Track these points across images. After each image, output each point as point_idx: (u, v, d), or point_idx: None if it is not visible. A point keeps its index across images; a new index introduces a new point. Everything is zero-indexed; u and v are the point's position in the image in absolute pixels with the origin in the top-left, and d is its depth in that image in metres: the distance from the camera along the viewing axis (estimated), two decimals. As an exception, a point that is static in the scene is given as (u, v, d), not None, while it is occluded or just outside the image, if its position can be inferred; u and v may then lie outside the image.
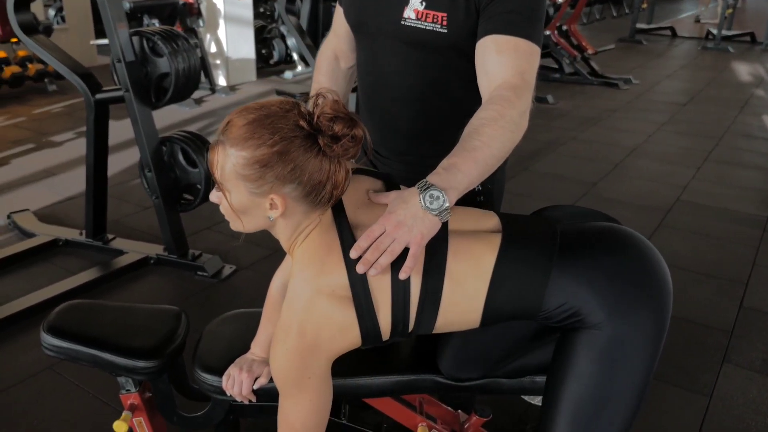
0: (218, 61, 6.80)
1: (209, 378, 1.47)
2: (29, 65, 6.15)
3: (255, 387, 1.42)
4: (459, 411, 1.73)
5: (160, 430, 1.67)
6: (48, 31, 6.16)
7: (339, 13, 1.55)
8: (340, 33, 1.58)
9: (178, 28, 6.34)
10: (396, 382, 1.47)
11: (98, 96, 2.88)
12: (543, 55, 7.61)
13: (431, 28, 1.33)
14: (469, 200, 1.43)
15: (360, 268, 1.07)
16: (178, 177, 2.94)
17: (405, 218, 1.06)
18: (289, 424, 1.19)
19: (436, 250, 1.13)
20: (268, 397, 1.47)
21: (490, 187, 1.53)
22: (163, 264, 3.03)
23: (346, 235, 1.12)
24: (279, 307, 1.45)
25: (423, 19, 1.34)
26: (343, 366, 1.48)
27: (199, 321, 1.64)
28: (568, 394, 1.15)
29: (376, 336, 1.15)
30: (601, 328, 1.11)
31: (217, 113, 5.81)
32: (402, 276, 1.09)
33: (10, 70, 5.94)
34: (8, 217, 3.45)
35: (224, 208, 1.15)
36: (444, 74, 1.40)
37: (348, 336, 1.14)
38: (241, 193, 1.09)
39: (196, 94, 6.41)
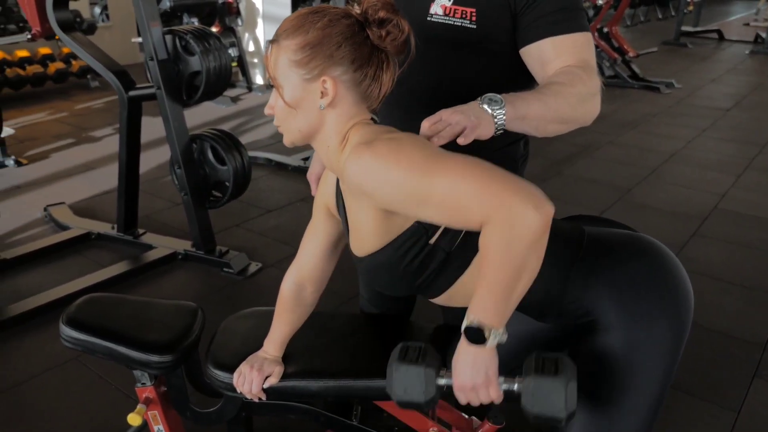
0: (256, 60, 6.87)
1: (221, 374, 1.48)
2: (73, 62, 6.31)
3: (265, 386, 1.43)
4: (473, 417, 1.71)
5: (175, 424, 1.69)
6: (92, 28, 6.32)
7: None
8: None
9: (217, 27, 6.44)
10: (407, 386, 1.46)
11: (131, 93, 2.93)
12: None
13: (459, 24, 1.32)
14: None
15: (425, 127, 1.10)
16: (208, 174, 2.98)
17: (462, 109, 1.10)
18: (471, 198, 0.96)
19: None
20: (278, 395, 1.47)
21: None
22: (190, 260, 3.07)
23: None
24: (290, 308, 1.45)
25: (451, 14, 1.33)
26: (353, 367, 1.49)
27: (222, 317, 1.66)
28: (584, 401, 1.13)
29: None
30: (614, 331, 1.09)
31: (253, 111, 5.87)
32: (461, 141, 1.08)
33: (54, 66, 6.11)
34: (45, 209, 3.54)
35: (278, 110, 1.13)
36: (469, 73, 1.39)
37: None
38: (293, 83, 1.09)
39: (233, 92, 6.50)
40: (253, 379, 1.42)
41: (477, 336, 0.99)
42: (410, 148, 1.01)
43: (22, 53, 5.98)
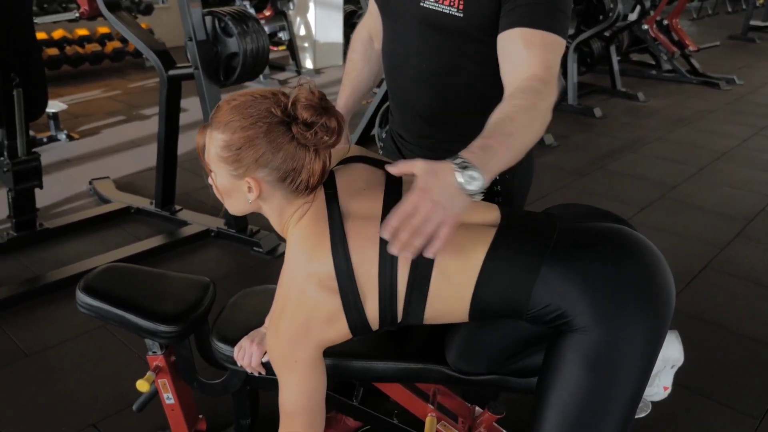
0: (306, 44, 6.92)
1: (223, 347, 1.52)
2: (129, 41, 6.48)
3: (264, 360, 1.46)
4: (475, 406, 1.71)
5: (184, 393, 1.74)
6: (149, 9, 6.49)
7: None
8: (374, 13, 1.58)
9: (268, 11, 6.52)
10: (403, 369, 1.47)
11: (171, 72, 3.00)
12: (640, 51, 7.32)
13: (447, 12, 1.32)
14: (487, 192, 1.41)
15: (394, 250, 0.97)
16: (242, 154, 3.03)
17: (441, 198, 0.96)
18: (282, 404, 1.24)
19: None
20: (277, 371, 1.50)
21: (507, 177, 1.49)
22: (222, 237, 3.14)
23: (336, 224, 1.13)
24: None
25: (440, 1, 1.32)
26: (351, 349, 1.51)
27: (245, 295, 1.70)
28: (554, 401, 1.12)
29: (363, 327, 1.16)
30: (588, 332, 1.07)
31: (300, 95, 5.91)
32: (429, 254, 0.98)
33: (112, 45, 6.29)
34: (90, 183, 3.68)
35: (213, 188, 1.20)
36: (459, 59, 1.39)
37: (335, 326, 1.15)
38: (223, 175, 1.15)
39: (282, 76, 6.58)
40: (252, 352, 1.45)
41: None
42: (277, 346, 1.19)
43: (82, 32, 6.18)
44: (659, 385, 1.46)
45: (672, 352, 1.42)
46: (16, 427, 1.97)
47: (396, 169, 1.03)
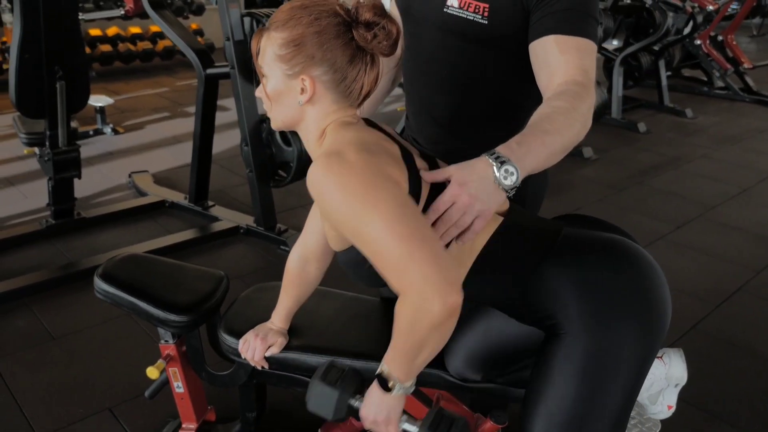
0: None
1: (229, 340, 1.55)
2: (180, 40, 6.65)
3: (267, 354, 1.48)
4: (479, 414, 1.70)
5: (194, 382, 1.77)
6: (200, 9, 6.65)
7: None
8: (394, 18, 1.59)
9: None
10: (403, 372, 1.47)
11: (209, 71, 3.08)
12: (692, 66, 7.15)
13: (472, 18, 1.32)
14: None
15: None
16: (274, 154, 3.08)
17: (479, 192, 1.01)
18: (391, 257, 0.98)
19: None
20: (279, 366, 1.52)
21: (520, 185, 1.48)
22: (251, 235, 3.19)
23: (390, 133, 1.14)
24: (295, 282, 1.49)
25: (465, 8, 1.32)
26: (351, 347, 1.52)
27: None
28: (541, 409, 1.11)
29: (416, 179, 1.09)
30: (575, 337, 1.06)
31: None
32: (460, 243, 1.04)
33: (162, 44, 6.47)
34: (129, 176, 3.78)
35: (262, 95, 1.18)
36: (481, 66, 1.38)
37: (398, 166, 1.08)
38: (276, 76, 1.13)
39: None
40: (256, 347, 1.48)
41: (384, 384, 1.11)
42: (356, 177, 1.01)
43: (135, 29, 6.37)
44: (663, 404, 1.44)
45: (676, 371, 1.39)
46: (36, 406, 2.04)
47: (429, 176, 1.10)
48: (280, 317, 1.52)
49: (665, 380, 1.41)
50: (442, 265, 0.95)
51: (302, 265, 1.47)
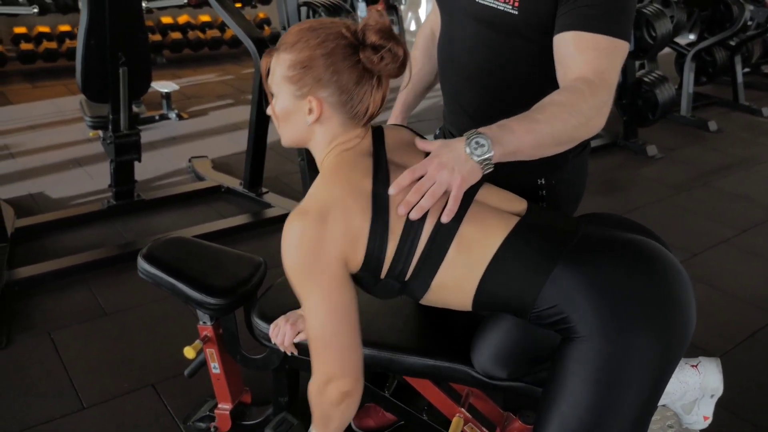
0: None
1: (261, 324, 1.58)
2: (248, 29, 6.77)
3: (296, 340, 1.50)
4: (509, 413, 1.68)
5: (230, 364, 1.82)
6: (267, 0, 6.76)
7: None
8: (436, 9, 1.59)
9: (380, 5, 6.60)
10: (430, 366, 1.46)
11: (265, 59, 3.12)
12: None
13: (502, 9, 1.30)
14: (530, 194, 1.38)
15: (401, 209, 1.10)
16: (326, 143, 3.10)
17: (447, 161, 1.09)
18: (309, 332, 1.16)
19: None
20: (308, 353, 1.54)
21: (553, 183, 1.45)
22: (301, 222, 3.22)
23: (382, 159, 1.15)
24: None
25: None
26: (382, 339, 1.52)
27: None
28: (556, 414, 1.09)
29: (377, 261, 1.13)
30: (590, 341, 1.03)
31: (402, 90, 5.97)
32: (444, 219, 1.10)
33: (230, 33, 6.59)
34: (189, 160, 3.89)
35: (272, 114, 1.22)
36: (511, 57, 1.36)
37: (355, 246, 1.11)
38: (285, 97, 1.16)
39: (388, 70, 6.64)
40: (286, 332, 1.50)
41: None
42: (302, 258, 1.11)
43: (205, 18, 6.52)
44: (699, 414, 1.39)
45: (711, 381, 1.34)
46: (84, 377, 2.14)
47: (420, 143, 1.20)
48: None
49: (700, 390, 1.35)
50: (345, 359, 1.14)
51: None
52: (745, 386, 2.20)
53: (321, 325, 1.13)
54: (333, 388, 1.14)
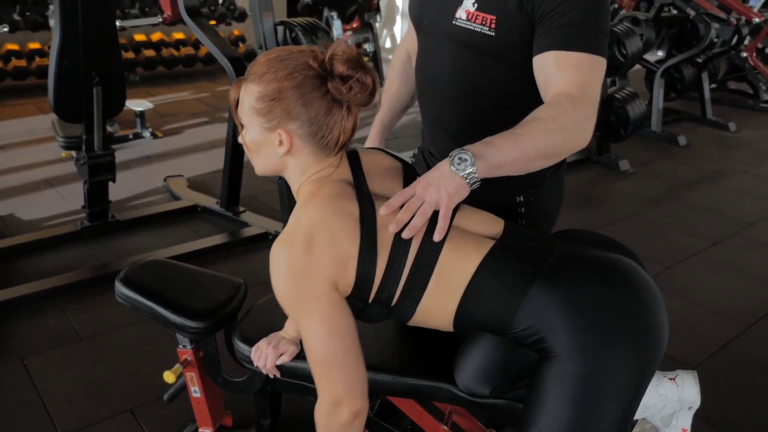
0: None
1: (242, 347, 1.57)
2: (222, 47, 6.76)
3: (278, 363, 1.49)
4: (491, 430, 1.68)
5: (211, 388, 1.80)
6: (243, 16, 6.76)
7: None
8: (412, 32, 1.60)
9: (356, 23, 6.64)
10: (412, 385, 1.46)
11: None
12: (738, 79, 6.97)
13: (479, 30, 1.32)
14: (508, 211, 1.40)
15: (392, 227, 1.10)
16: (303, 161, 3.11)
17: (433, 179, 1.12)
18: (310, 356, 1.15)
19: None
20: (292, 375, 1.53)
21: (531, 200, 1.47)
22: (279, 241, 3.21)
23: (362, 185, 1.15)
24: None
25: (473, 20, 1.33)
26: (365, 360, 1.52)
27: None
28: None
29: (366, 285, 1.14)
30: (566, 361, 1.04)
31: (377, 107, 5.99)
32: (436, 238, 1.11)
33: (205, 49, 6.57)
34: (164, 180, 3.86)
35: (244, 145, 1.22)
36: (491, 77, 1.39)
37: (345, 270, 1.12)
38: (254, 128, 1.16)
39: (363, 87, 6.66)
40: (268, 354, 1.49)
41: None
42: (294, 282, 1.11)
43: (179, 35, 6.50)
44: (677, 426, 1.41)
45: (689, 393, 1.36)
46: (60, 404, 2.10)
47: (398, 200, 1.15)
48: (293, 326, 1.53)
49: (678, 402, 1.37)
50: (351, 379, 1.13)
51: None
52: (719, 397, 2.23)
53: (323, 347, 1.12)
54: (344, 410, 1.13)
